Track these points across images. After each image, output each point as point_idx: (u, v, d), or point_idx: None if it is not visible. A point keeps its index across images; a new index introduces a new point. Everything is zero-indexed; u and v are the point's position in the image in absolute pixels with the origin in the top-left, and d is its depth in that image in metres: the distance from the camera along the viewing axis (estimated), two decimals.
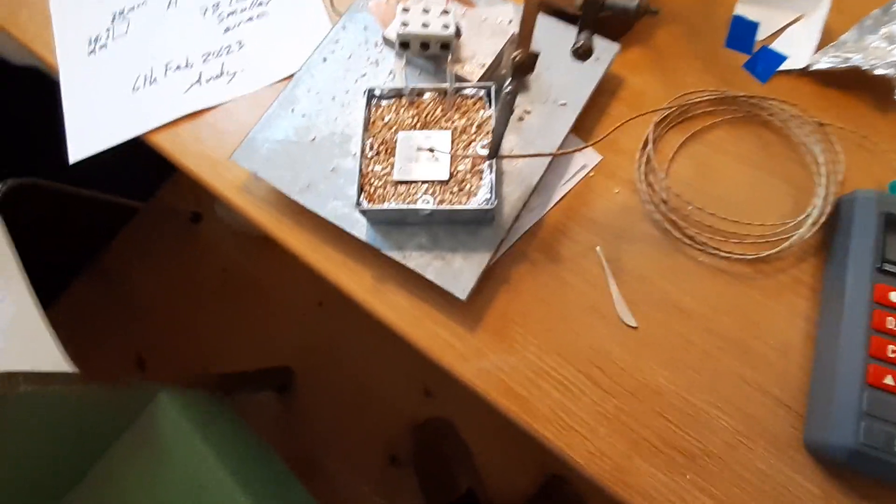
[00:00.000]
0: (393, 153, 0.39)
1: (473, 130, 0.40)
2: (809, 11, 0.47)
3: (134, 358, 1.08)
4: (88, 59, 0.54)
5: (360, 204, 0.38)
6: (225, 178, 0.47)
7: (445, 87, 0.40)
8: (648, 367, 0.38)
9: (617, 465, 0.36)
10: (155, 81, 0.52)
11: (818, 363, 0.37)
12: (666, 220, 0.42)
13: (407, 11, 0.39)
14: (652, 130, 0.44)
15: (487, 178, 0.38)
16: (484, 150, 0.39)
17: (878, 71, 0.42)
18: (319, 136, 0.44)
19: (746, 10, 0.49)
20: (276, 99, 0.46)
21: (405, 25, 0.38)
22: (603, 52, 0.44)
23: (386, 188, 0.38)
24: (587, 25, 0.31)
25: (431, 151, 0.39)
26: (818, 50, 0.46)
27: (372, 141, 0.40)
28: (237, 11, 0.54)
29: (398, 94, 0.41)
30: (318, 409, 1.01)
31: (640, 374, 0.38)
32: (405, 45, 0.40)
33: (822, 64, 0.45)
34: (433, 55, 0.41)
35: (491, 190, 0.37)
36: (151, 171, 1.18)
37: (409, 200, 0.38)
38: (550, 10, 0.47)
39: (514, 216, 0.40)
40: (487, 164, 0.38)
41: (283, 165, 0.43)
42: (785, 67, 0.46)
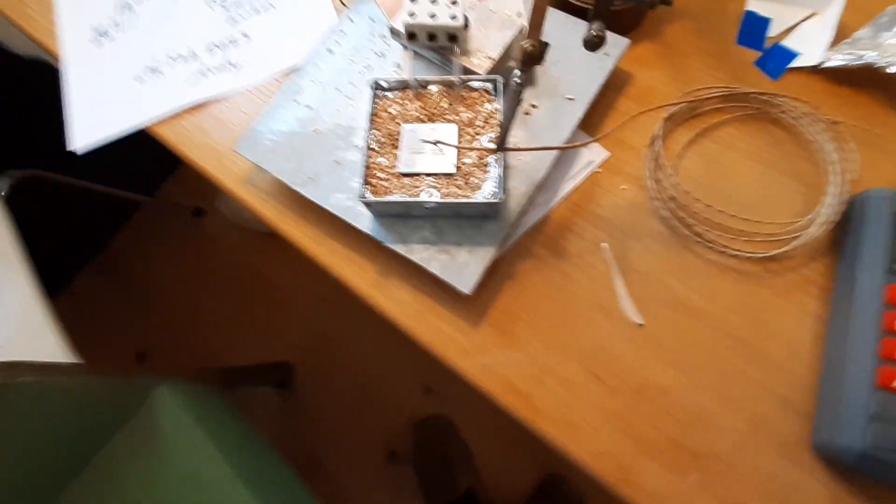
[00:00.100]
0: (398, 145, 0.39)
1: (480, 123, 0.39)
2: (823, 8, 0.47)
3: (135, 351, 1.08)
4: (93, 49, 0.54)
5: (364, 196, 0.37)
6: (229, 170, 0.47)
7: (452, 79, 0.40)
8: (654, 365, 0.38)
9: (621, 464, 0.35)
10: (160, 73, 0.52)
11: (827, 364, 0.36)
12: (674, 217, 0.41)
13: (415, 2, 0.38)
14: (661, 126, 0.44)
15: (494, 171, 0.37)
16: (491, 143, 0.38)
17: (892, 69, 0.42)
18: (324, 127, 0.43)
19: (759, 5, 0.48)
20: (280, 90, 0.45)
21: (412, 16, 0.38)
22: (612, 46, 0.44)
23: (390, 181, 0.38)
24: (600, 15, 0.31)
25: (437, 144, 0.38)
26: (831, 47, 0.45)
27: (377, 133, 0.39)
28: (243, 3, 0.54)
29: (404, 85, 0.41)
30: (318, 404, 1.01)
31: (645, 372, 0.38)
32: (412, 35, 0.39)
33: (835, 61, 0.44)
34: (440, 47, 0.40)
35: (498, 184, 0.37)
36: (154, 165, 1.18)
37: (413, 193, 0.37)
38: (560, 1, 0.46)
39: (519, 211, 0.40)
40: (494, 157, 0.38)
41: (287, 157, 0.42)
42: (797, 64, 0.46)
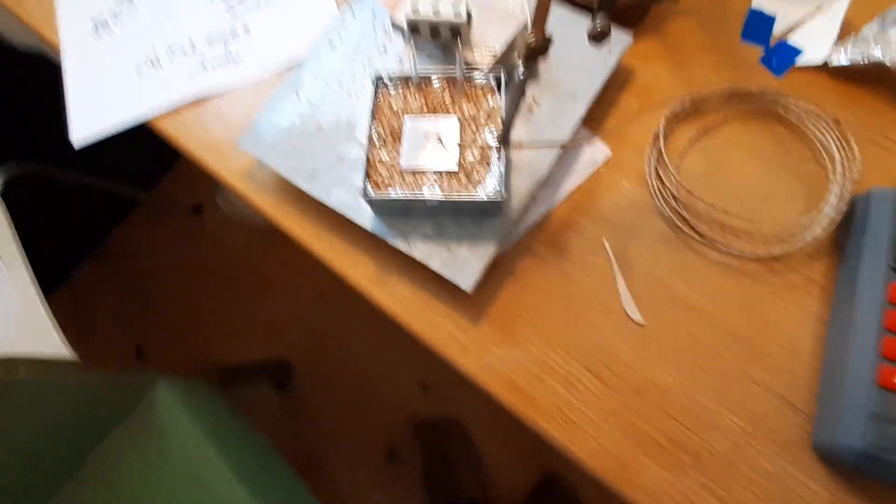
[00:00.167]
0: (400, 141, 0.39)
1: (483, 119, 0.39)
2: (828, 4, 0.46)
3: (133, 347, 1.08)
4: (93, 42, 0.53)
5: (365, 192, 0.37)
6: (229, 165, 0.46)
7: (455, 73, 0.40)
8: (655, 364, 0.38)
9: (622, 463, 0.35)
10: (160, 66, 0.51)
11: (828, 364, 0.36)
12: (676, 215, 0.41)
13: None
14: (663, 124, 0.44)
15: (496, 168, 0.37)
16: (493, 138, 0.38)
17: None
18: (325, 122, 0.43)
19: (764, 2, 0.48)
20: (281, 84, 0.45)
21: (415, 10, 0.38)
22: (615, 42, 0.43)
23: (392, 176, 0.38)
24: (604, 7, 0.31)
25: (440, 139, 0.38)
26: (837, 44, 0.45)
27: (379, 128, 0.39)
28: None
29: (406, 80, 0.40)
30: (316, 403, 1.01)
31: (646, 371, 0.38)
32: (414, 29, 0.39)
33: (840, 59, 0.44)
34: (443, 41, 0.40)
35: (500, 180, 0.36)
36: (153, 161, 1.18)
37: (415, 189, 0.37)
38: None
39: (521, 208, 0.39)
40: (496, 153, 0.37)
41: (287, 152, 0.42)
42: (802, 62, 0.45)
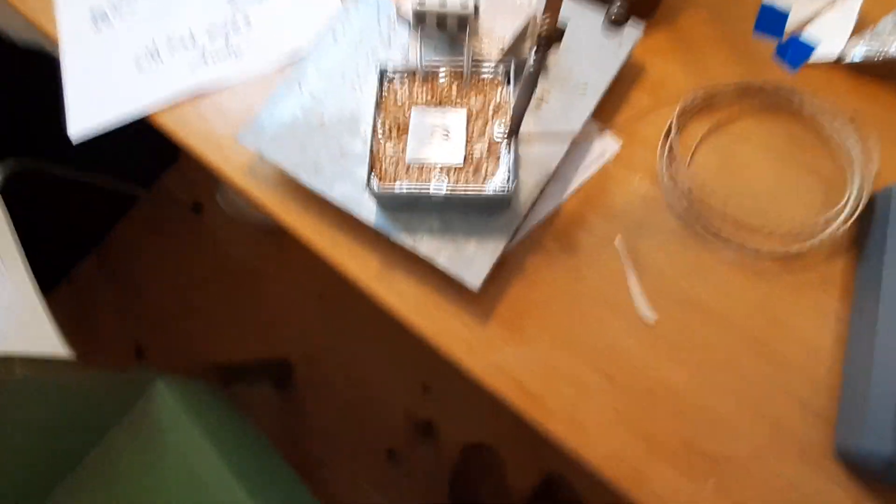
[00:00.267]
0: (405, 134, 0.38)
1: (490, 112, 0.38)
2: None
3: (132, 346, 1.07)
4: (92, 35, 0.53)
5: (370, 185, 0.36)
6: (230, 159, 0.45)
7: (462, 65, 0.39)
8: (668, 366, 0.36)
9: (634, 468, 0.34)
10: (159, 59, 0.50)
11: (850, 366, 0.35)
12: (688, 212, 0.40)
13: None
14: (675, 119, 0.42)
15: (505, 161, 0.36)
16: (502, 132, 0.37)
17: None
18: (328, 116, 0.42)
19: None
20: (283, 78, 0.44)
21: (422, 0, 0.37)
22: (625, 35, 0.42)
23: (398, 170, 0.37)
24: None
25: (446, 133, 0.37)
26: (852, 38, 0.44)
27: (384, 120, 0.38)
28: None
29: (412, 72, 0.39)
30: (316, 403, 1.00)
31: (658, 373, 0.36)
32: (421, 20, 0.38)
33: (855, 54, 0.43)
34: (450, 32, 0.39)
35: (509, 173, 0.35)
36: (153, 158, 1.17)
37: (421, 183, 0.36)
38: None
39: (530, 203, 0.38)
40: (505, 146, 0.36)
41: (290, 146, 0.41)
42: (816, 57, 0.44)
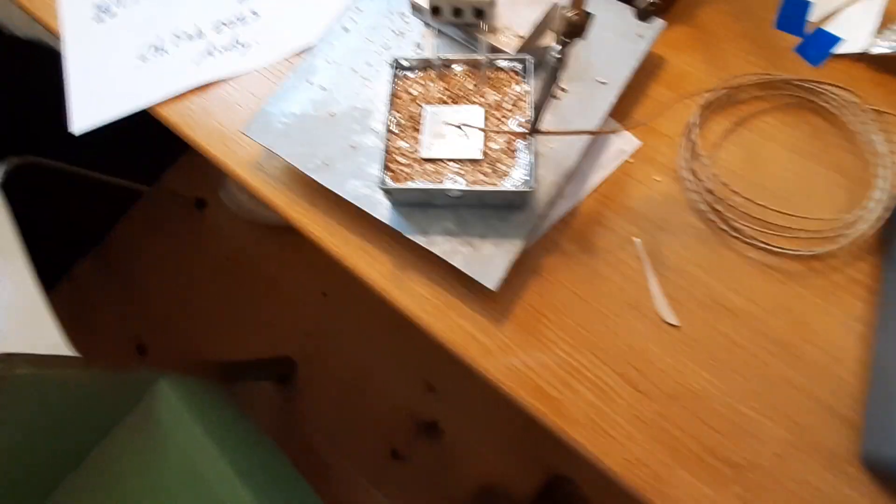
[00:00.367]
0: (419, 129, 0.36)
1: (508, 106, 0.37)
2: None
3: (135, 344, 1.06)
4: (95, 26, 0.51)
5: (383, 183, 0.34)
6: (236, 154, 0.44)
7: (478, 58, 0.37)
8: (690, 369, 0.35)
9: (656, 474, 0.33)
10: (164, 51, 0.49)
11: (877, 371, 0.34)
12: (711, 210, 0.39)
13: None
14: (697, 114, 0.41)
15: (524, 158, 0.35)
16: (520, 127, 0.36)
17: None
18: (339, 110, 0.41)
19: None
20: (292, 70, 0.42)
21: None
22: (645, 28, 0.41)
23: (412, 166, 0.35)
24: None
25: (462, 128, 0.36)
26: (877, 32, 0.42)
27: (397, 115, 0.37)
28: None
29: (426, 65, 0.38)
30: (319, 401, 0.99)
31: (680, 376, 0.35)
32: (436, 11, 0.37)
33: (881, 47, 0.42)
34: (466, 23, 0.38)
35: (528, 170, 0.34)
36: (156, 154, 1.15)
37: (436, 180, 0.35)
38: None
39: (547, 201, 0.37)
40: (524, 143, 0.35)
41: (298, 141, 0.40)
42: (840, 51, 0.43)
